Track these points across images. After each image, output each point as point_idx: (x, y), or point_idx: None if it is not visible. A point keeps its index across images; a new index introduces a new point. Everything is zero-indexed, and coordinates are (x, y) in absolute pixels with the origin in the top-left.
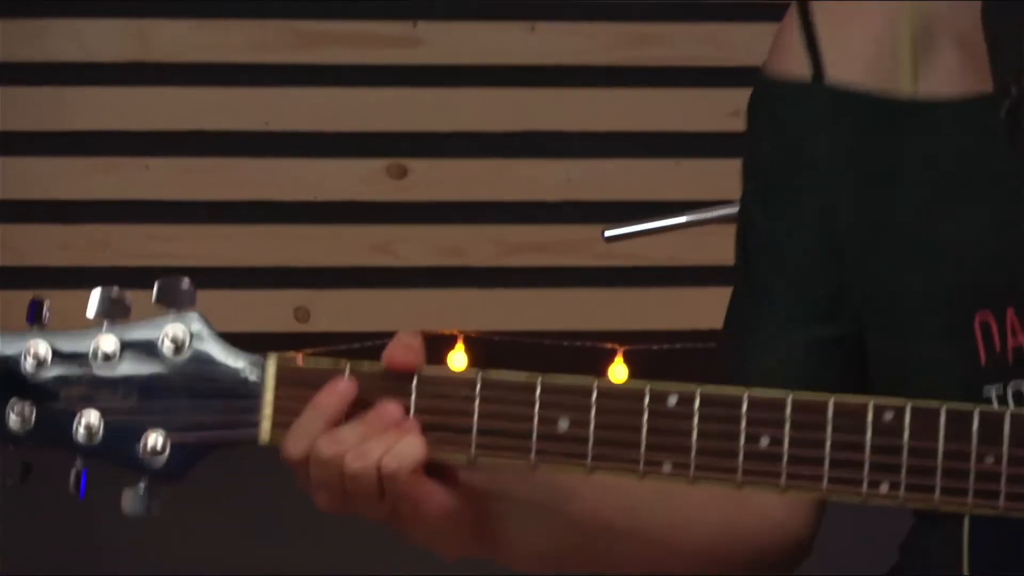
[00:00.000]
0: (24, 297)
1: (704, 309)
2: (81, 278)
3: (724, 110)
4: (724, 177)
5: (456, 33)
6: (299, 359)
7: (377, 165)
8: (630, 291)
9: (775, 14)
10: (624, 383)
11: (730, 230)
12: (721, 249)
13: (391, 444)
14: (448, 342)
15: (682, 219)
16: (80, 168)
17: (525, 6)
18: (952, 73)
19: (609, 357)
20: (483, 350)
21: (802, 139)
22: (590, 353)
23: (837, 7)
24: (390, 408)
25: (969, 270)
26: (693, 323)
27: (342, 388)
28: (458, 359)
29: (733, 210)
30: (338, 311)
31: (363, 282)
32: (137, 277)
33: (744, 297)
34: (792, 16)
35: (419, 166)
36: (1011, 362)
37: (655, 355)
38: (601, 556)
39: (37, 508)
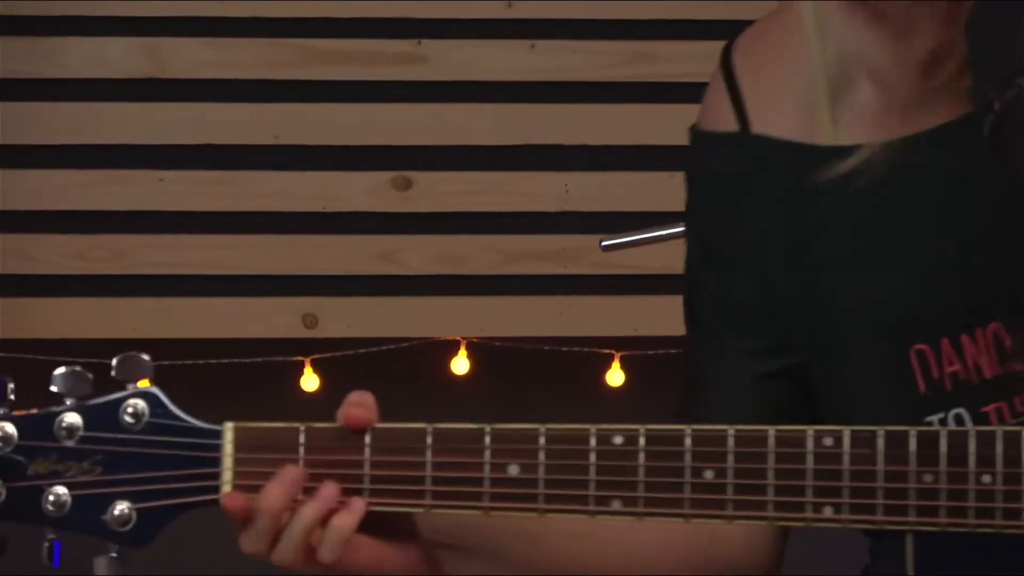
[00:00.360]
0: (43, 304)
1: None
2: (97, 286)
3: None
4: None
5: (459, 51)
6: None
7: (383, 177)
8: (626, 298)
9: None
10: (569, 427)
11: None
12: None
13: (327, 528)
14: (451, 347)
15: (675, 229)
16: (97, 180)
17: (525, 25)
18: (873, 115)
19: (606, 362)
20: (485, 355)
21: (733, 189)
22: (588, 358)
23: (757, 61)
24: (327, 488)
25: (901, 306)
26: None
27: (290, 477)
28: (461, 364)
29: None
30: (345, 317)
31: (369, 289)
32: (152, 285)
33: (694, 339)
34: (717, 72)
35: (423, 178)
36: (949, 389)
37: (650, 359)
38: None
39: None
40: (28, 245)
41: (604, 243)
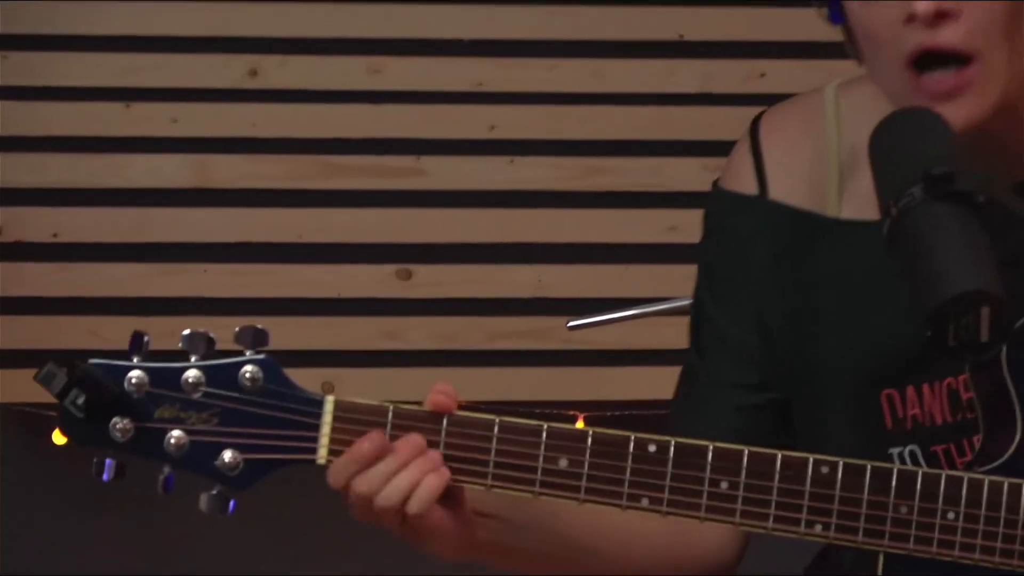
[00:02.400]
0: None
1: (647, 384)
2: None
3: (663, 226)
4: (663, 280)
5: (451, 165)
6: (361, 401)
7: (388, 269)
8: (589, 369)
9: (704, 150)
10: (613, 432)
11: (667, 321)
12: (660, 336)
13: (414, 483)
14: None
15: (630, 312)
16: (153, 272)
17: (505, 144)
18: (870, 198)
19: (571, 422)
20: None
21: (745, 244)
22: (557, 419)
23: (780, 135)
24: (415, 438)
25: (876, 356)
26: (639, 395)
27: (376, 439)
28: None
29: (669, 306)
30: (358, 385)
31: (378, 362)
32: None
33: (696, 366)
34: (745, 139)
35: (422, 270)
36: (909, 427)
37: (608, 419)
38: (574, 565)
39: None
40: (100, 325)
41: (570, 324)
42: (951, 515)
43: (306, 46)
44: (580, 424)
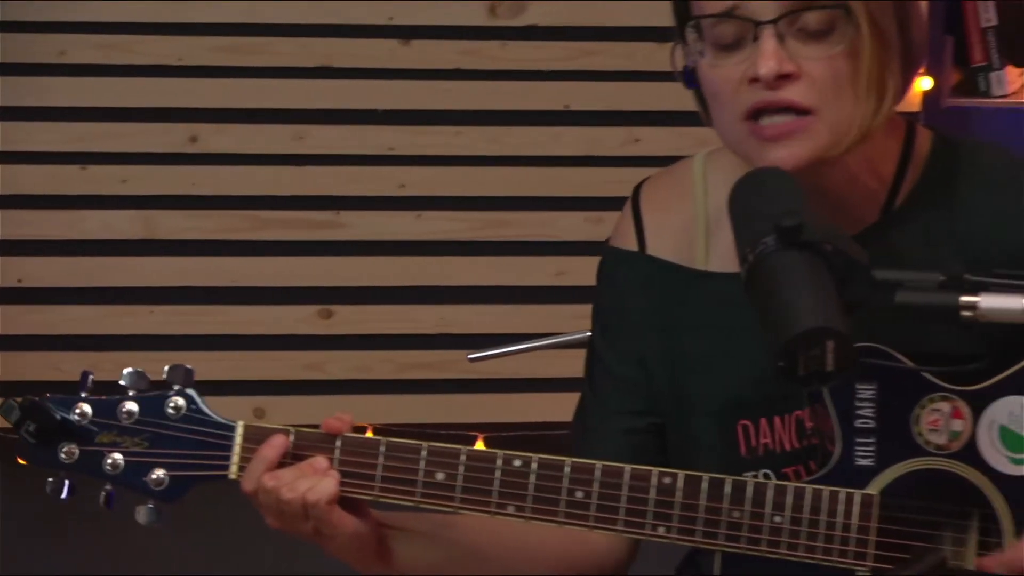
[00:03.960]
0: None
1: (539, 408)
2: (104, 391)
3: (552, 271)
4: (552, 318)
5: (366, 219)
6: (267, 425)
7: (311, 310)
8: (488, 396)
9: (588, 206)
10: (483, 450)
11: (556, 353)
12: (550, 367)
13: (315, 483)
14: (361, 432)
15: (524, 346)
16: (105, 313)
17: (414, 200)
18: (732, 253)
19: (472, 442)
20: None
21: (627, 294)
22: (459, 439)
23: (656, 200)
24: (318, 460)
25: (734, 393)
26: (532, 418)
27: (277, 442)
28: None
29: (558, 340)
30: (284, 411)
31: (302, 391)
32: None
33: (588, 395)
34: (628, 204)
35: (340, 310)
36: (761, 454)
37: (504, 439)
38: (477, 570)
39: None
40: (59, 361)
41: (471, 356)
42: (778, 518)
43: (239, 115)
44: (480, 444)
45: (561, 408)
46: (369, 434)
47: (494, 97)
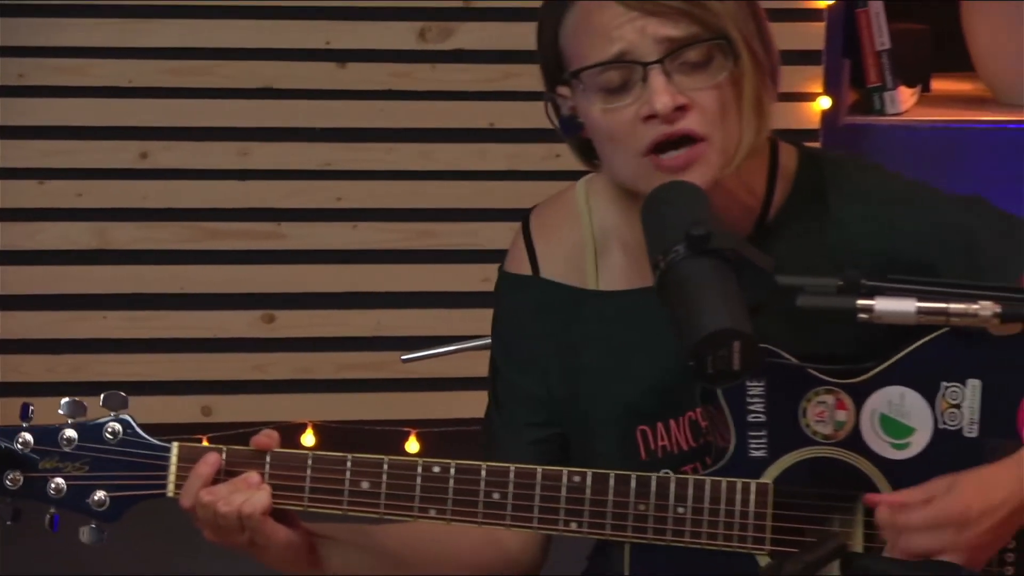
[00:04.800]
0: (16, 405)
1: (466, 405)
2: (62, 390)
3: (478, 278)
4: (479, 321)
5: (306, 230)
6: (201, 441)
7: (255, 315)
8: (419, 394)
9: (512, 217)
10: (405, 458)
11: (482, 354)
12: (476, 366)
13: (249, 496)
14: (302, 428)
15: (452, 348)
16: (63, 318)
17: (350, 212)
18: (621, 271)
19: (406, 436)
20: (325, 433)
21: (524, 315)
22: (394, 434)
23: (546, 226)
24: (250, 475)
25: (630, 400)
26: (460, 414)
27: (211, 459)
28: (308, 439)
29: (483, 342)
30: (230, 409)
31: (247, 390)
32: (100, 388)
33: (493, 411)
34: (519, 232)
35: (282, 315)
36: (660, 456)
37: (435, 434)
38: (403, 571)
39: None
40: (18, 363)
41: (404, 357)
42: (681, 509)
43: (187, 133)
44: (413, 439)
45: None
46: (309, 430)
47: (424, 116)
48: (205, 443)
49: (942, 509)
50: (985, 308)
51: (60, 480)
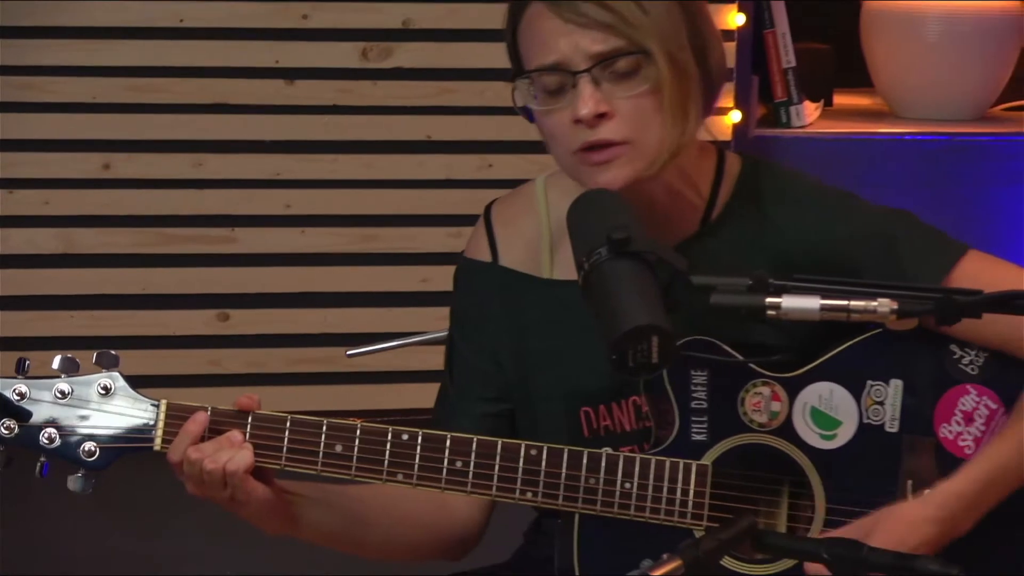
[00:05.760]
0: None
1: (409, 397)
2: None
3: (417, 279)
4: (419, 319)
5: (256, 235)
6: (187, 404)
7: (211, 313)
8: (364, 386)
9: (448, 223)
10: (375, 425)
11: (422, 349)
12: (417, 361)
13: (233, 455)
14: None
15: (394, 344)
16: (31, 318)
17: (299, 218)
18: (572, 262)
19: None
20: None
21: (482, 298)
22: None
23: (506, 217)
24: (234, 434)
25: (576, 383)
26: (402, 405)
27: (200, 418)
28: None
29: (423, 338)
30: (189, 401)
31: (203, 384)
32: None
33: (449, 385)
34: (481, 221)
35: (236, 313)
36: (603, 435)
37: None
38: (362, 536)
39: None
40: None
41: (349, 352)
42: (627, 484)
43: (146, 146)
44: None
45: (426, 396)
46: None
47: (366, 129)
48: None
49: None
50: (883, 305)
51: (52, 430)
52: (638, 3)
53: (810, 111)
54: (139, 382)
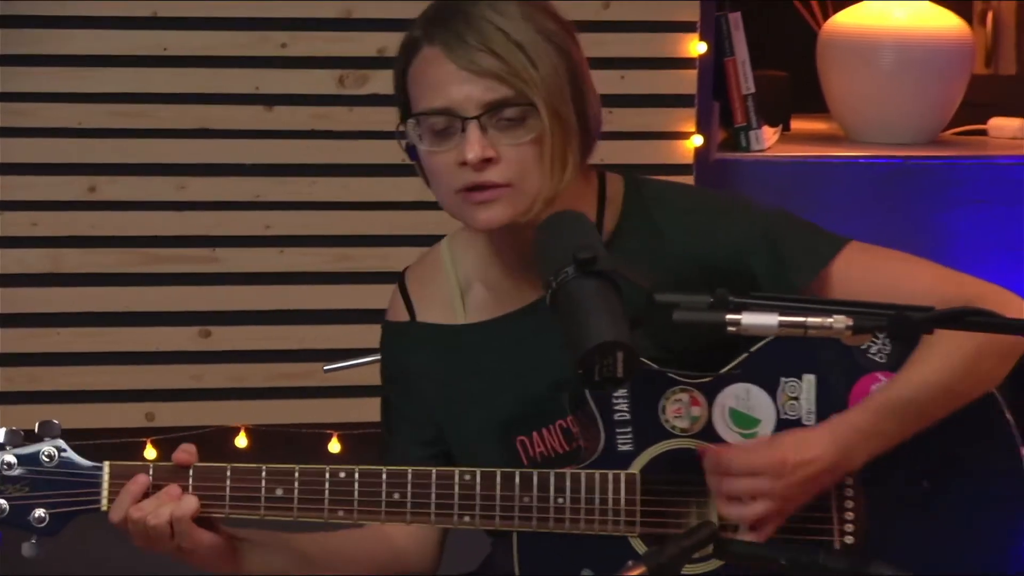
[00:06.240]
0: None
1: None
2: (20, 399)
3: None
4: None
5: (237, 255)
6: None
7: (193, 330)
8: (340, 400)
9: (421, 242)
10: (313, 466)
11: None
12: None
13: (177, 505)
14: (235, 432)
15: (370, 359)
16: (20, 335)
17: (279, 239)
18: (484, 304)
19: (328, 438)
20: (256, 436)
21: (407, 356)
22: (318, 436)
23: (419, 279)
24: (172, 487)
25: (505, 415)
26: (374, 418)
27: (141, 480)
28: (241, 441)
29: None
30: (172, 414)
31: (186, 398)
32: (53, 397)
33: (387, 437)
34: (396, 287)
35: (218, 330)
36: (540, 461)
37: (354, 436)
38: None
39: None
40: None
41: (326, 368)
42: (560, 500)
43: (131, 169)
44: (335, 440)
45: None
46: (243, 434)
47: (343, 153)
48: (149, 446)
49: (760, 458)
50: (839, 321)
51: (2, 501)
52: (528, 58)
53: (769, 135)
54: (123, 396)
